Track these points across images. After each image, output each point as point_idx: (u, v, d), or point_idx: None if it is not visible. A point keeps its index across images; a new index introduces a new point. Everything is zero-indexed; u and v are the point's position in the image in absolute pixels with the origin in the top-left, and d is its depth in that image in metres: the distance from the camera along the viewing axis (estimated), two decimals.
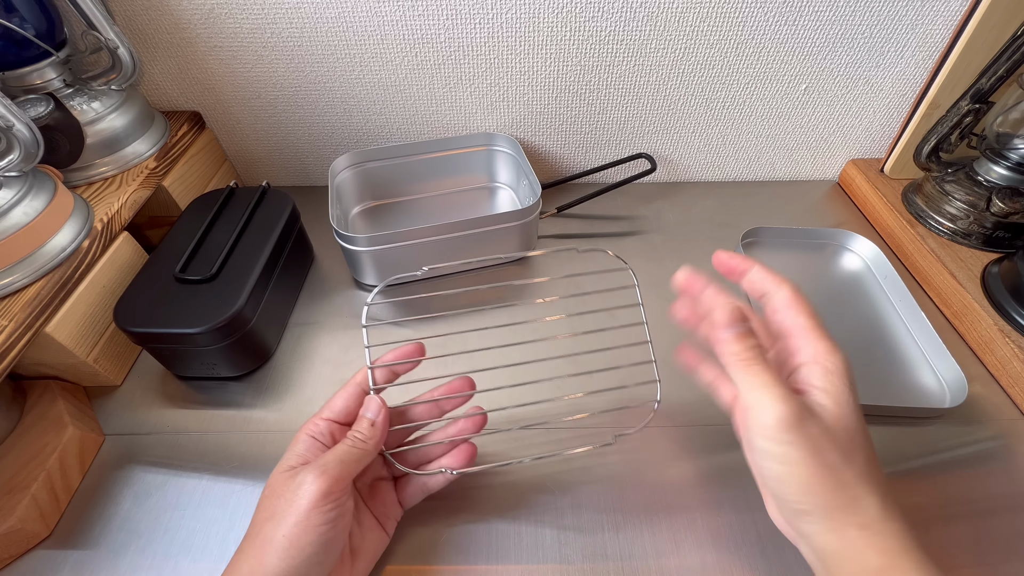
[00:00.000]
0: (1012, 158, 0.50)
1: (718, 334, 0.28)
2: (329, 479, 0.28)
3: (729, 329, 0.28)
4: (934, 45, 0.53)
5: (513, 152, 0.59)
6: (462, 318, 0.46)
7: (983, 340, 0.45)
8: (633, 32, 0.52)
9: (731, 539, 0.33)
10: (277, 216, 0.49)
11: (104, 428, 0.42)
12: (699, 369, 0.34)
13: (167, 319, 0.39)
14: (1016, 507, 0.37)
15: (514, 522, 0.36)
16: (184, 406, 0.43)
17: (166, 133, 0.54)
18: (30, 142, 0.39)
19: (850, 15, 0.51)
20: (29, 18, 0.43)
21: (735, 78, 0.56)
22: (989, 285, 0.47)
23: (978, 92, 0.50)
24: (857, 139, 0.62)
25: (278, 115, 0.59)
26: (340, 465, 0.28)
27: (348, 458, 0.29)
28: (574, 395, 0.36)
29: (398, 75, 0.55)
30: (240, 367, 0.44)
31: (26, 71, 0.45)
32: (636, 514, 0.36)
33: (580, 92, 0.57)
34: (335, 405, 0.32)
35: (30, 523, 0.34)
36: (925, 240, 0.53)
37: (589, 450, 0.37)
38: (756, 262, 0.30)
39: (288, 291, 0.50)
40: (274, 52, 0.53)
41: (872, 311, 0.50)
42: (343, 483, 0.28)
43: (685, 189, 0.65)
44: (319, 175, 0.65)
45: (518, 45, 0.53)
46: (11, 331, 0.35)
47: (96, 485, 0.38)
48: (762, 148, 0.63)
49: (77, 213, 0.42)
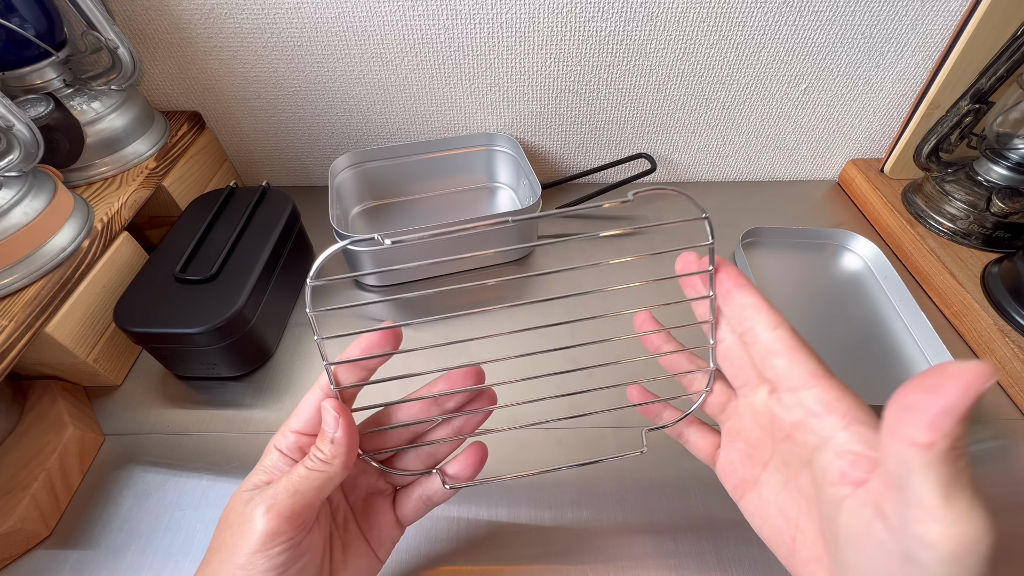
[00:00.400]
0: (1012, 158, 0.50)
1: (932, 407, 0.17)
2: (277, 517, 0.22)
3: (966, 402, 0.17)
4: (934, 45, 0.53)
5: (513, 152, 0.59)
6: (469, 316, 0.44)
7: (983, 340, 0.45)
8: (633, 32, 0.52)
9: (731, 539, 0.33)
10: (277, 216, 0.49)
11: (104, 428, 0.42)
12: (661, 416, 0.29)
13: (167, 319, 0.39)
14: (1016, 507, 0.37)
15: (514, 522, 0.36)
16: (184, 406, 0.43)
17: (166, 133, 0.54)
18: (30, 142, 0.39)
19: (850, 15, 0.51)
20: (29, 18, 0.43)
21: (735, 78, 0.56)
22: (989, 285, 0.47)
23: (978, 92, 0.50)
24: (857, 139, 0.62)
25: (278, 115, 0.59)
26: (293, 497, 0.23)
27: (304, 486, 0.23)
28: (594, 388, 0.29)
29: (398, 75, 0.55)
30: (240, 367, 0.44)
31: (26, 71, 0.45)
32: (636, 514, 0.36)
33: (580, 92, 0.57)
34: (301, 413, 0.26)
35: (30, 523, 0.34)
36: (925, 240, 0.53)
37: (618, 457, 0.30)
38: (749, 282, 0.25)
39: (288, 291, 0.50)
40: (274, 52, 0.53)
41: (872, 311, 0.50)
42: (299, 519, 0.23)
43: (685, 189, 0.65)
44: (319, 175, 0.65)
45: (518, 45, 0.53)
46: (11, 331, 0.35)
47: (96, 485, 0.38)
48: (762, 148, 0.63)
49: (77, 213, 0.42)
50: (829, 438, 0.22)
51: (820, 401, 0.22)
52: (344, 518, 0.28)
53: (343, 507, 0.28)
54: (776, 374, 0.23)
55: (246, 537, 0.22)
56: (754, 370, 0.25)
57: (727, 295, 0.25)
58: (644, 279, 0.28)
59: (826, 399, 0.22)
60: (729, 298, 0.25)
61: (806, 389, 0.22)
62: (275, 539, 0.22)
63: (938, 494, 0.18)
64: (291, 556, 0.23)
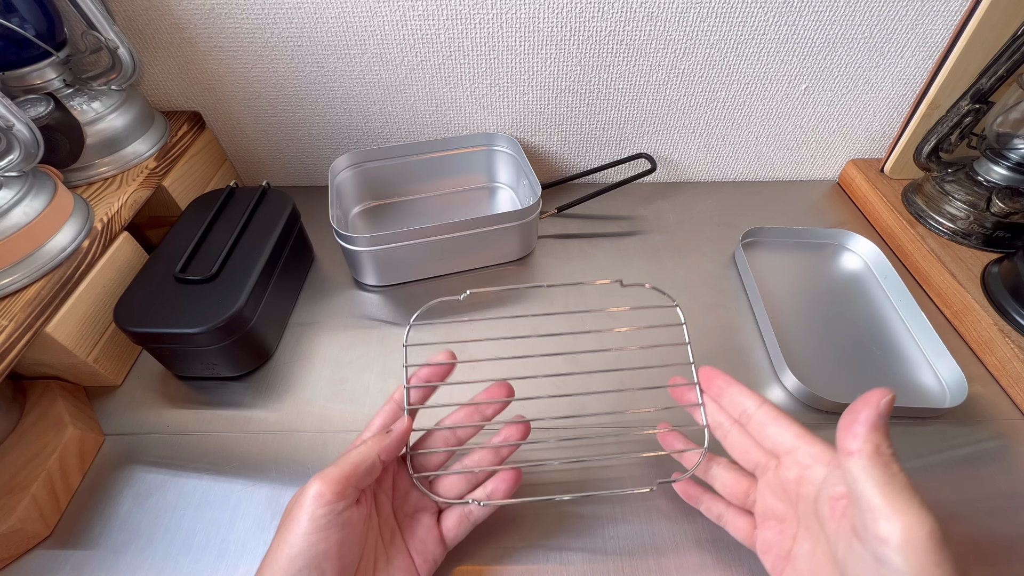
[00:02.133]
0: (1012, 158, 0.50)
1: (854, 422, 0.24)
2: (324, 479, 0.27)
3: (875, 416, 0.24)
4: (934, 45, 0.53)
5: (513, 152, 0.59)
6: (497, 332, 0.45)
7: (983, 340, 0.45)
8: (633, 32, 0.52)
9: (731, 539, 0.33)
10: (277, 216, 0.49)
11: (104, 428, 0.42)
12: (701, 501, 0.33)
13: (167, 319, 0.39)
14: (1016, 507, 0.37)
15: (514, 522, 0.36)
16: (184, 406, 0.43)
17: (166, 133, 0.54)
18: (30, 142, 0.39)
19: (850, 15, 0.51)
20: (29, 18, 0.43)
21: (735, 78, 0.56)
22: (989, 285, 0.47)
23: (978, 92, 0.50)
24: (857, 139, 0.62)
25: (278, 115, 0.59)
26: (340, 467, 0.28)
27: (346, 461, 0.28)
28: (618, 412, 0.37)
29: (398, 75, 0.55)
30: (240, 367, 0.44)
31: (26, 71, 0.45)
32: (636, 514, 0.36)
33: (580, 92, 0.57)
34: (374, 425, 0.32)
35: (30, 523, 0.34)
36: (925, 240, 0.53)
37: (627, 493, 0.36)
38: (733, 379, 0.32)
39: (288, 291, 0.50)
40: (274, 52, 0.53)
41: (872, 311, 0.50)
42: (340, 486, 0.27)
43: (685, 189, 0.65)
44: (319, 175, 0.65)
45: (518, 45, 0.53)
46: (11, 331, 0.35)
47: (96, 485, 0.38)
48: (762, 148, 0.63)
49: (77, 213, 0.42)
50: (822, 483, 0.26)
51: (809, 455, 0.27)
52: (391, 533, 0.31)
53: (391, 522, 0.31)
54: (772, 441, 0.29)
55: (297, 500, 0.27)
56: (759, 451, 0.30)
57: (722, 392, 0.32)
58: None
59: (813, 452, 0.27)
60: (724, 393, 0.32)
61: (796, 448, 0.28)
62: (319, 499, 0.26)
63: (877, 493, 0.22)
64: (328, 521, 0.26)
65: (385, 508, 0.31)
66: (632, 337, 0.37)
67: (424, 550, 0.31)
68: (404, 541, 0.31)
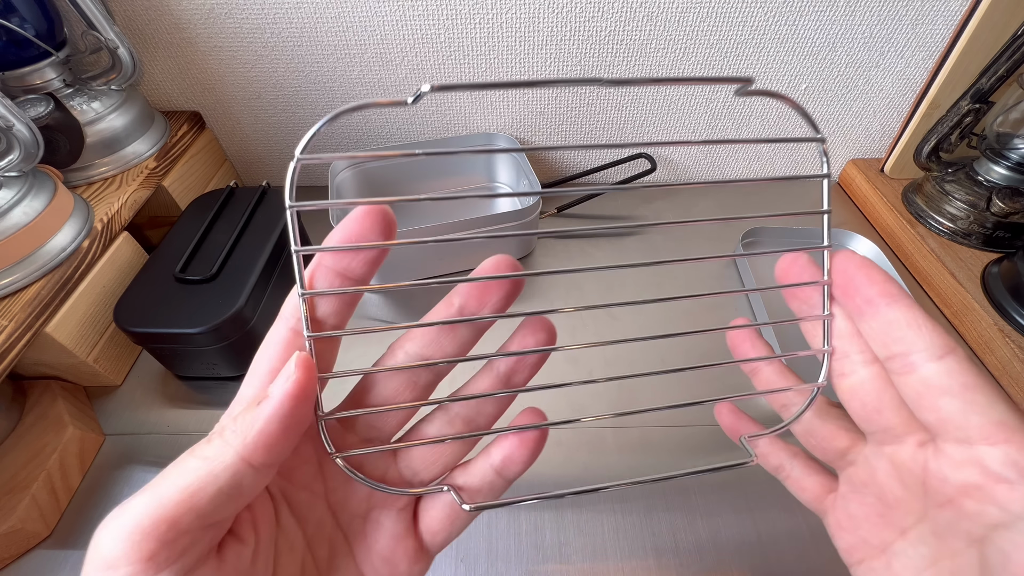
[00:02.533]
0: (1012, 158, 0.50)
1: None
2: (121, 528, 0.14)
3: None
4: (934, 45, 0.53)
5: (513, 152, 0.60)
6: None
7: (983, 340, 0.45)
8: (633, 32, 0.52)
9: (731, 539, 0.33)
10: (277, 216, 0.49)
11: (104, 428, 0.42)
12: (758, 444, 0.23)
13: (167, 319, 0.39)
14: None
15: (514, 522, 0.36)
16: (184, 406, 0.43)
17: (166, 133, 0.54)
18: (30, 142, 0.39)
19: (850, 15, 0.51)
20: (29, 18, 0.43)
21: None
22: (989, 285, 0.47)
23: (978, 92, 0.50)
24: (857, 139, 0.62)
25: (278, 115, 0.59)
26: (157, 496, 0.15)
27: (176, 485, 0.16)
28: None
29: (398, 75, 0.55)
30: (240, 367, 0.44)
31: (26, 71, 0.45)
32: (636, 514, 0.36)
33: (580, 92, 0.57)
34: (250, 386, 0.18)
35: (30, 523, 0.34)
36: (925, 240, 0.53)
37: (727, 467, 0.22)
38: (901, 290, 0.18)
39: (288, 291, 0.50)
40: (274, 52, 0.53)
41: None
42: (155, 536, 0.14)
43: (685, 189, 0.65)
44: (319, 175, 0.65)
45: (518, 45, 0.53)
46: (11, 331, 0.35)
47: (96, 485, 0.38)
48: (762, 148, 0.63)
49: (77, 213, 0.42)
50: (1021, 516, 0.16)
51: (1012, 464, 0.16)
52: (329, 550, 0.19)
53: (327, 532, 0.19)
54: (940, 418, 0.17)
55: (84, 567, 0.14)
56: (900, 415, 0.18)
57: (869, 307, 0.18)
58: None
59: (1021, 462, 0.16)
60: (873, 311, 0.18)
61: (989, 444, 0.16)
62: (110, 569, 0.13)
63: None
64: None
65: (314, 512, 0.19)
66: None
67: (392, 568, 0.19)
68: (354, 559, 0.19)
